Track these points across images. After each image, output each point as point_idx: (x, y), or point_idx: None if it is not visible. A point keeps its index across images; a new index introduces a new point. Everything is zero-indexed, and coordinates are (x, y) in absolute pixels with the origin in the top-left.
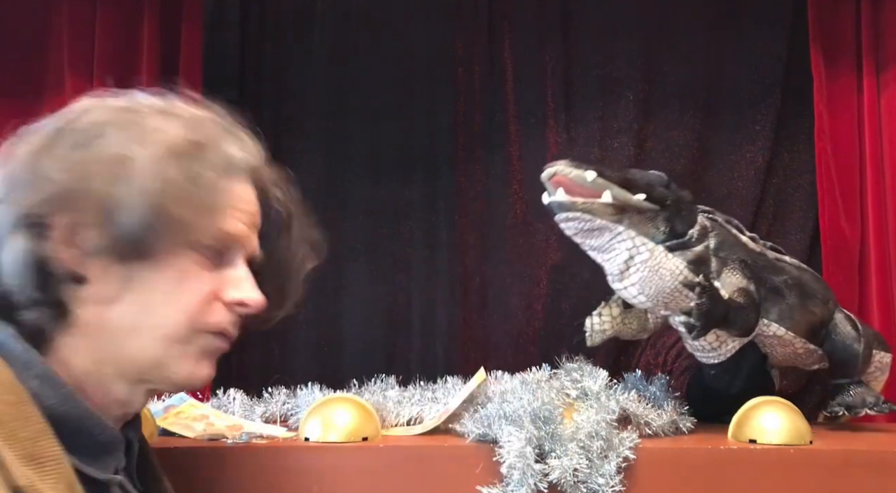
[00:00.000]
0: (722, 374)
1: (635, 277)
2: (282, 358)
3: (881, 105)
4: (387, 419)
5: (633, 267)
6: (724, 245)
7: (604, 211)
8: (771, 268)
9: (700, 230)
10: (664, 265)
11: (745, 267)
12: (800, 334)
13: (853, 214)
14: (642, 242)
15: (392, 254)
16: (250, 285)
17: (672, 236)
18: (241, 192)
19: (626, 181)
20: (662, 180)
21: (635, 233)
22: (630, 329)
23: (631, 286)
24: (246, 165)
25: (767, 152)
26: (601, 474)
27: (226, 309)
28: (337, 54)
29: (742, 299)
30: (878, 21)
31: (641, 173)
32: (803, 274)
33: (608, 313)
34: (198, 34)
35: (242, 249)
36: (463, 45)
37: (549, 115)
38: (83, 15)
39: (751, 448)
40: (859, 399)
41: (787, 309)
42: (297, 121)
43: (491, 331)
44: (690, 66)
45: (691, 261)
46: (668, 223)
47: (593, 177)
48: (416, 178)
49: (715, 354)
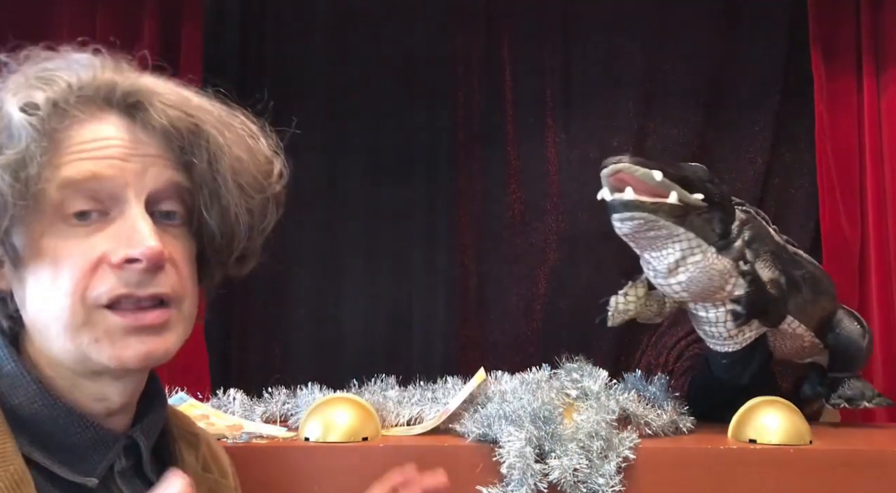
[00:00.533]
0: (734, 364)
1: (683, 276)
2: (282, 358)
3: (881, 105)
4: (387, 419)
5: (682, 267)
6: (756, 238)
7: (670, 212)
8: (791, 261)
9: (739, 225)
10: (714, 266)
11: (776, 259)
12: (810, 328)
13: (853, 214)
14: (698, 244)
15: (392, 254)
16: (140, 235)
17: (723, 236)
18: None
19: (685, 180)
20: (708, 175)
21: (694, 235)
22: (649, 311)
23: (677, 284)
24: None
25: (767, 152)
26: (601, 474)
27: (115, 273)
28: (337, 54)
29: (774, 291)
30: (878, 21)
31: (692, 169)
32: (815, 269)
33: (634, 294)
34: (198, 34)
35: (123, 191)
36: (462, 45)
37: (547, 114)
38: (83, 15)
39: (751, 448)
40: (859, 392)
41: (803, 303)
42: (297, 121)
43: (490, 331)
44: (690, 65)
45: (736, 257)
46: (722, 224)
47: (661, 177)
48: (415, 178)
49: (732, 342)
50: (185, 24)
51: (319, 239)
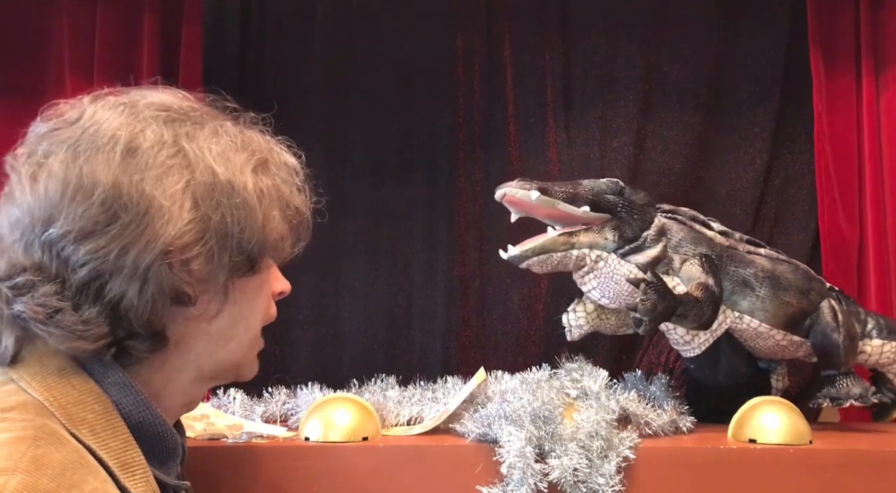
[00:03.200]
0: (702, 367)
1: (594, 282)
2: (282, 358)
3: (880, 106)
4: (387, 419)
5: (590, 274)
6: (684, 242)
7: (555, 243)
8: (739, 261)
9: (656, 231)
10: (618, 271)
11: (706, 261)
12: (777, 326)
13: (852, 214)
14: (598, 254)
15: (392, 254)
16: (282, 275)
17: (623, 242)
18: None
19: (571, 196)
20: (615, 187)
21: (588, 248)
22: (609, 324)
23: (592, 291)
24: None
25: (767, 153)
26: (601, 473)
27: (273, 302)
28: (337, 54)
29: (698, 293)
30: (878, 22)
31: (591, 183)
32: (779, 266)
33: (582, 309)
34: (198, 34)
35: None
36: (463, 45)
37: (548, 114)
38: (83, 15)
39: (751, 448)
40: (844, 391)
41: (759, 301)
42: (298, 121)
43: (491, 331)
44: (690, 66)
45: (645, 263)
46: (616, 231)
47: (537, 195)
48: (416, 178)
49: (689, 347)
50: (185, 24)
51: (319, 239)
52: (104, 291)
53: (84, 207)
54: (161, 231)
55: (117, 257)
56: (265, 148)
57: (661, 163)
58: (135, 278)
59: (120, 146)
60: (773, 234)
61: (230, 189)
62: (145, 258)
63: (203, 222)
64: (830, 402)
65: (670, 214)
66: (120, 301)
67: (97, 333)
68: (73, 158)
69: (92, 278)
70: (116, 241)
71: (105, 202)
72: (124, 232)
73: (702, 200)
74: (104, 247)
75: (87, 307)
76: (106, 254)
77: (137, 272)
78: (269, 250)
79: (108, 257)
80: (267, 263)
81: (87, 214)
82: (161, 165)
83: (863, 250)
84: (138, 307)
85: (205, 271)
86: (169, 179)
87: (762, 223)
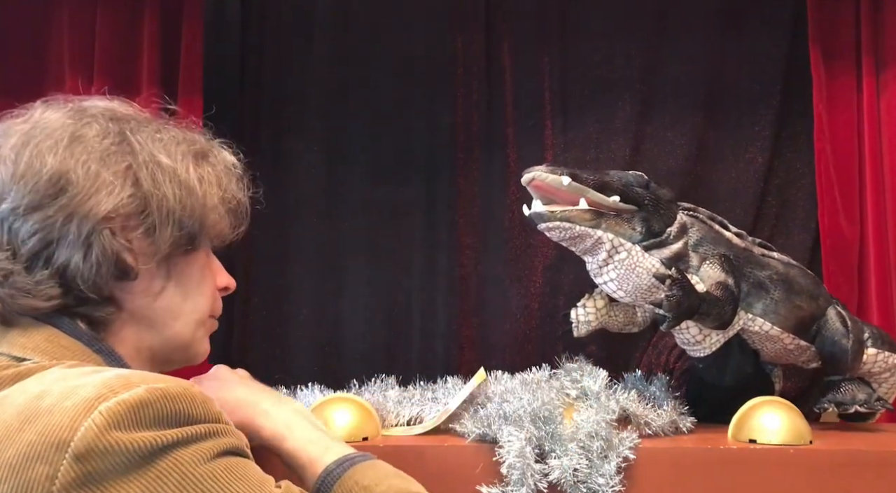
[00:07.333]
0: (710, 367)
1: (613, 273)
2: (282, 358)
3: (880, 105)
4: (387, 419)
5: (610, 265)
6: (704, 241)
7: (581, 217)
8: (755, 263)
9: (679, 228)
10: (640, 263)
11: (726, 262)
12: (787, 330)
13: (852, 214)
14: (619, 243)
15: (392, 254)
16: (226, 271)
17: (649, 236)
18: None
19: (601, 184)
20: (641, 181)
21: (612, 235)
22: (616, 322)
23: (610, 282)
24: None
25: (767, 152)
26: (601, 474)
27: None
28: (337, 54)
29: (719, 293)
30: (878, 21)
31: (619, 174)
32: (791, 270)
33: (592, 305)
34: (198, 34)
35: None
36: (462, 47)
37: (546, 116)
38: (83, 15)
39: (751, 448)
40: (849, 396)
41: (772, 304)
42: (297, 121)
43: (490, 331)
44: (690, 66)
45: (668, 258)
46: (645, 223)
47: (568, 181)
48: (415, 178)
49: (700, 347)
50: (186, 24)
51: (319, 239)
52: (53, 258)
53: (32, 184)
54: (103, 201)
55: (62, 225)
56: (206, 144)
57: (660, 164)
58: (79, 243)
59: (67, 134)
60: (773, 233)
61: (172, 172)
62: (88, 224)
63: (144, 198)
64: (836, 407)
65: (690, 213)
66: (67, 266)
67: (49, 293)
68: (23, 144)
69: (41, 247)
70: (62, 211)
71: (52, 179)
72: (70, 203)
73: (702, 199)
74: (51, 217)
75: (38, 271)
76: (52, 223)
77: (81, 238)
78: (208, 228)
79: (55, 225)
80: (206, 242)
81: (35, 188)
82: (106, 149)
83: (863, 250)
84: (83, 271)
85: (145, 244)
86: (112, 159)
87: (762, 223)
